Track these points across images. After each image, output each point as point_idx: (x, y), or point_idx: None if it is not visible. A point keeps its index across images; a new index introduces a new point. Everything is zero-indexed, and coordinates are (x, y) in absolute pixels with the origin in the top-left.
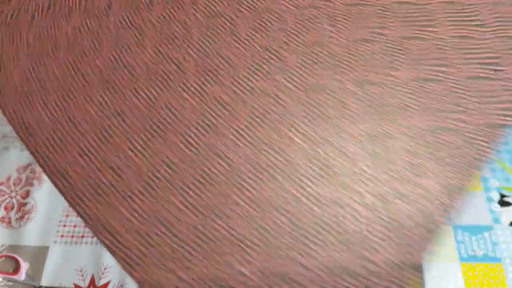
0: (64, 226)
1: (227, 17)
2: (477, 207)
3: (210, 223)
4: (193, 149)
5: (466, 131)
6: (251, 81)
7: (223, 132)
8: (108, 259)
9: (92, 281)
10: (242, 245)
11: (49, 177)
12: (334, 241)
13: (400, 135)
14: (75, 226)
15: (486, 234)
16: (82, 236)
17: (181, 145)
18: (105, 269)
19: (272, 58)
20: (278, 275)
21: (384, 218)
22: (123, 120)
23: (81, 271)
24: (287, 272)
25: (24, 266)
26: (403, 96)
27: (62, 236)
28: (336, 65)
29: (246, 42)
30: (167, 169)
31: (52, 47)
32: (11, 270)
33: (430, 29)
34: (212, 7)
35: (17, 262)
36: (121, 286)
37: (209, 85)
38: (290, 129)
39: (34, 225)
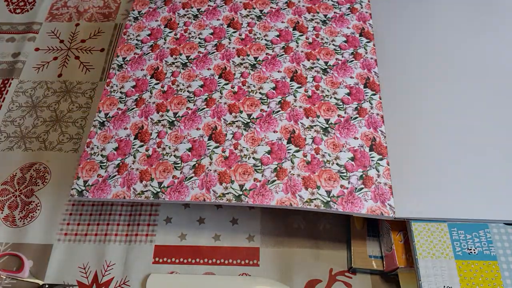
0: (68, 224)
1: None
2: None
3: None
4: None
5: None
6: None
7: None
8: (111, 257)
9: (95, 278)
10: None
11: None
12: None
13: None
14: (78, 224)
15: (481, 232)
16: (86, 234)
17: None
18: (108, 266)
19: None
20: None
21: None
22: None
23: (84, 268)
24: None
25: (28, 264)
26: None
27: (65, 234)
28: None
29: None
30: None
31: None
32: (15, 268)
33: None
34: None
35: (20, 260)
36: (124, 283)
37: None
38: None
39: (37, 223)
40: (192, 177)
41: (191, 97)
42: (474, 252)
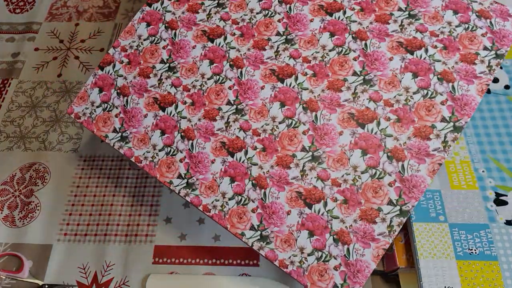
0: (68, 224)
1: None
2: (473, 206)
3: None
4: None
5: None
6: None
7: None
8: (111, 257)
9: (95, 278)
10: None
11: None
12: None
13: None
14: (78, 224)
15: (482, 233)
16: (85, 235)
17: None
18: (107, 266)
19: None
20: None
21: None
22: None
23: (84, 268)
24: None
25: (28, 264)
26: None
27: (65, 234)
28: None
29: None
30: None
31: None
32: (15, 268)
33: None
34: None
35: (20, 260)
36: (124, 283)
37: None
38: None
39: (37, 224)
40: None
41: (294, 123)
42: (475, 253)
